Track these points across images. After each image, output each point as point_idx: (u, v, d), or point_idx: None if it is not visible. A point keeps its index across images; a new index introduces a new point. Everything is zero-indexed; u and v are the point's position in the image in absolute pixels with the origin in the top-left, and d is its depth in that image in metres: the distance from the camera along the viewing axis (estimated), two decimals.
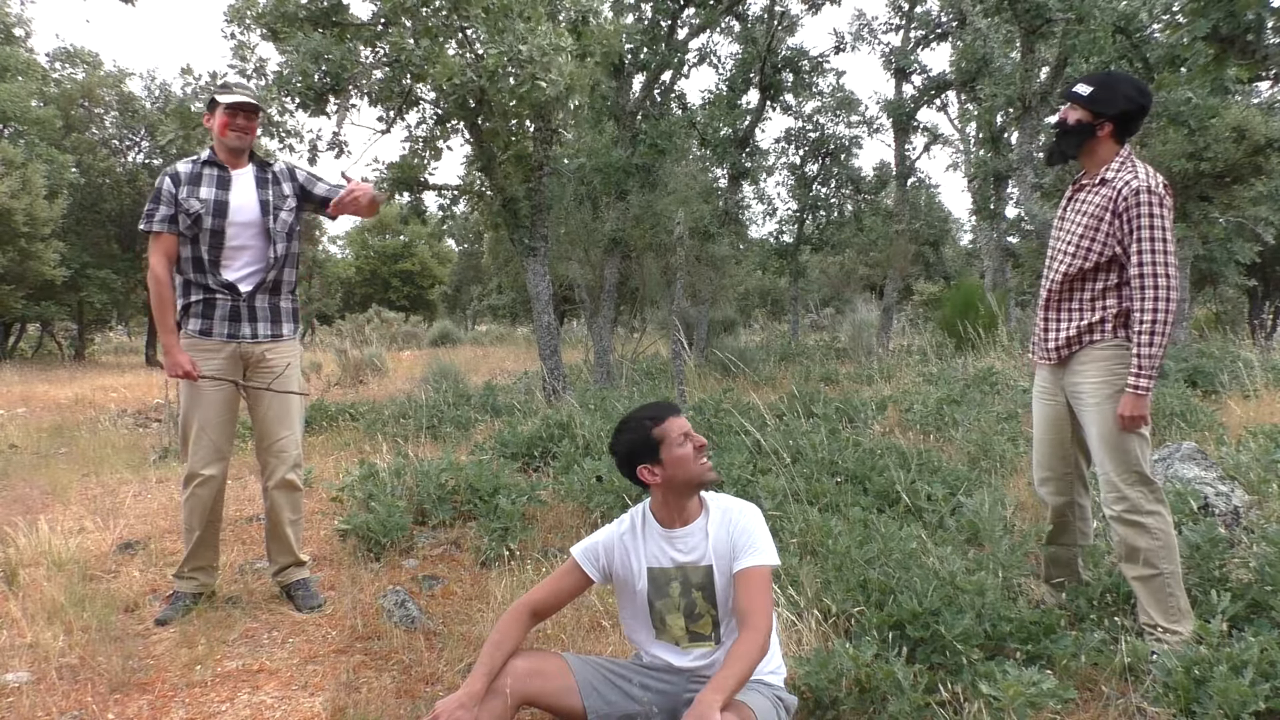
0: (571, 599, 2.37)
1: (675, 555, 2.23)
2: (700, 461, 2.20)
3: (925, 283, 25.69)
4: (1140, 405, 2.64)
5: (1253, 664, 2.24)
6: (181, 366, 3.14)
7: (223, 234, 3.20)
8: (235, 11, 7.34)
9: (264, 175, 3.33)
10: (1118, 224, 2.69)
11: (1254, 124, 10.29)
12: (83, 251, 19.46)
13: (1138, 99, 2.73)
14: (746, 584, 2.11)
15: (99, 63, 20.75)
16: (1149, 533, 2.70)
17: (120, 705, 2.58)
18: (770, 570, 2.15)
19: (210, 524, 3.31)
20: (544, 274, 8.72)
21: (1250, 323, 17.20)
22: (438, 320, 30.37)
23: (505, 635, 2.17)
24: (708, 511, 2.26)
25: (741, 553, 2.16)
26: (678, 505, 2.24)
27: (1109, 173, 2.75)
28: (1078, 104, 2.78)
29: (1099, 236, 2.73)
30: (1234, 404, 6.37)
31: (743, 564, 2.14)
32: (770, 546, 2.18)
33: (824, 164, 15.97)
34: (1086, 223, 2.76)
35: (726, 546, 2.19)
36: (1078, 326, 2.82)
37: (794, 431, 5.26)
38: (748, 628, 2.03)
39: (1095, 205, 2.75)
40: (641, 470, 2.21)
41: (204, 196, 3.18)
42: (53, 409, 10.07)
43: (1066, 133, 2.82)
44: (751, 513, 2.24)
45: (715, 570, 2.20)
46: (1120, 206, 2.67)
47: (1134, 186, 2.65)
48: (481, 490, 4.40)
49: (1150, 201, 2.62)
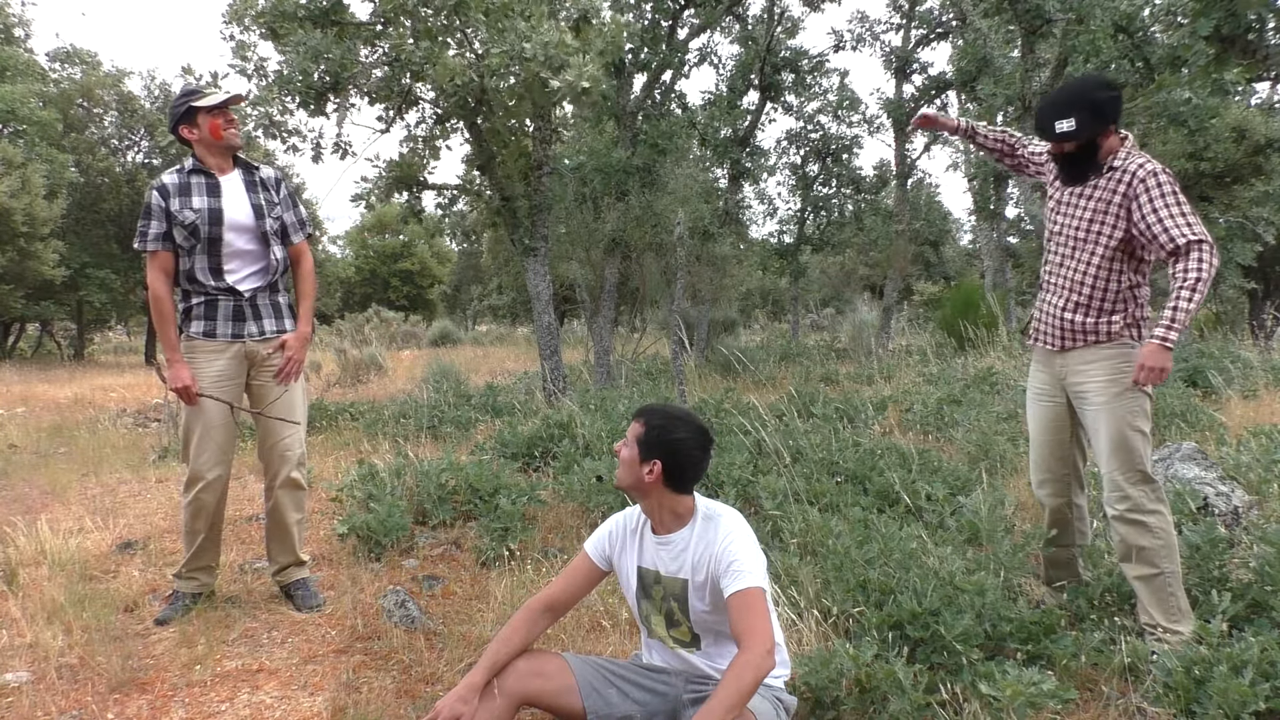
0: (586, 592, 2.36)
1: (659, 560, 2.24)
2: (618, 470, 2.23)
3: (925, 283, 25.69)
4: (1164, 358, 2.57)
5: (1253, 664, 2.24)
6: (182, 380, 3.13)
7: (220, 241, 3.18)
8: (235, 11, 7.34)
9: (251, 179, 3.32)
10: (1129, 206, 2.70)
11: (1254, 124, 10.30)
12: (82, 251, 19.47)
13: (1105, 92, 2.73)
14: (738, 608, 2.02)
15: (98, 63, 20.75)
16: (1150, 532, 2.70)
17: (120, 705, 2.58)
18: (760, 591, 2.04)
19: (213, 526, 3.30)
20: (544, 274, 8.72)
21: (1250, 323, 17.19)
22: (437, 320, 30.37)
23: (514, 631, 2.18)
24: (695, 520, 2.21)
25: (726, 577, 2.07)
26: (670, 509, 2.21)
27: (1117, 160, 2.76)
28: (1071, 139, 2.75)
29: (1108, 220, 2.74)
30: (1234, 404, 6.37)
31: (731, 589, 2.05)
32: (757, 565, 2.08)
33: (825, 164, 15.97)
34: (1095, 207, 2.77)
35: (705, 562, 2.14)
36: (1079, 325, 2.82)
37: (794, 431, 5.26)
38: (743, 649, 1.95)
39: (1104, 190, 2.76)
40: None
41: (197, 206, 3.16)
42: (52, 409, 10.06)
43: (1076, 161, 2.80)
44: (736, 528, 2.15)
45: (690, 585, 2.17)
46: (1136, 190, 2.68)
47: (1148, 169, 2.67)
48: (482, 490, 4.40)
49: (1166, 180, 2.65)
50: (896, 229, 16.12)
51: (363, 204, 9.03)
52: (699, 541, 2.17)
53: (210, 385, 3.21)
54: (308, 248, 3.47)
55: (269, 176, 3.36)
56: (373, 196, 9.10)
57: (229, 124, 3.21)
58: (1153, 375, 2.59)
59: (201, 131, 3.19)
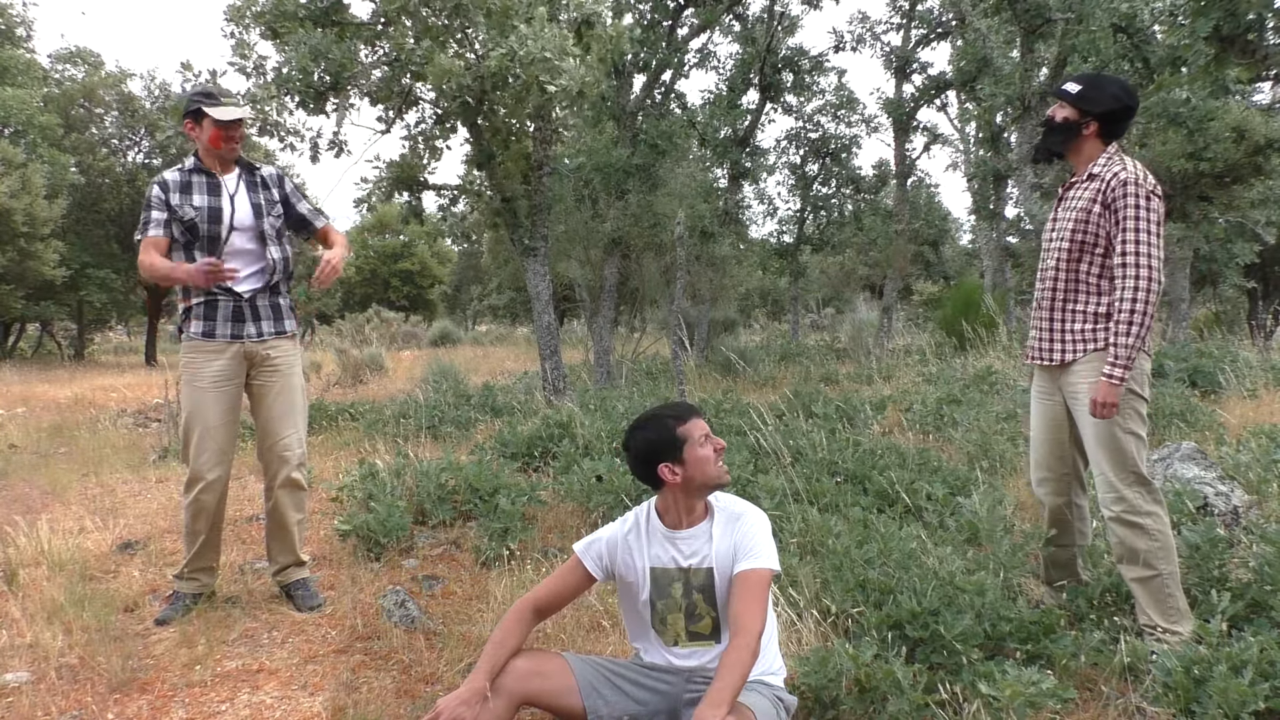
0: (575, 596, 2.36)
1: (678, 557, 2.23)
2: (718, 464, 2.20)
3: (925, 283, 25.68)
4: (1113, 393, 2.63)
5: (1252, 664, 2.24)
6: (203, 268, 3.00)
7: (219, 240, 3.19)
8: (235, 10, 7.34)
9: (252, 179, 3.33)
10: (1106, 215, 2.71)
11: (1254, 124, 10.29)
12: (82, 251, 19.46)
13: (1124, 99, 2.77)
14: (743, 586, 2.09)
15: (100, 63, 20.75)
16: (1147, 533, 2.70)
17: (120, 705, 2.58)
18: (769, 574, 2.12)
19: (214, 526, 3.30)
20: (544, 274, 8.72)
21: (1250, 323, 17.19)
22: (438, 320, 30.36)
23: (508, 634, 2.18)
24: (713, 514, 2.25)
25: (742, 556, 2.15)
26: (687, 506, 2.23)
27: (1096, 168, 2.78)
28: (1066, 102, 2.81)
29: (1088, 229, 2.75)
30: (1233, 404, 6.37)
31: (741, 566, 2.13)
32: (772, 551, 2.17)
33: (824, 164, 15.97)
34: (1076, 216, 2.78)
35: (729, 550, 2.18)
36: (1077, 334, 2.82)
37: (794, 431, 5.27)
38: (737, 633, 2.01)
39: (1084, 199, 2.77)
40: (662, 469, 2.19)
41: (197, 204, 3.18)
42: (52, 409, 10.07)
43: (1053, 130, 2.86)
44: (757, 517, 2.23)
45: (716, 573, 2.19)
46: (1109, 197, 2.69)
47: (1121, 178, 2.67)
48: (481, 490, 4.41)
49: (1136, 193, 2.64)
50: (896, 229, 16.13)
51: (364, 206, 9.04)
52: (724, 529, 2.21)
53: (210, 385, 3.21)
54: (333, 228, 3.48)
55: (270, 175, 3.37)
56: (374, 198, 9.10)
57: (230, 139, 3.21)
58: (1105, 410, 2.65)
59: (203, 135, 3.21)
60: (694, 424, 2.22)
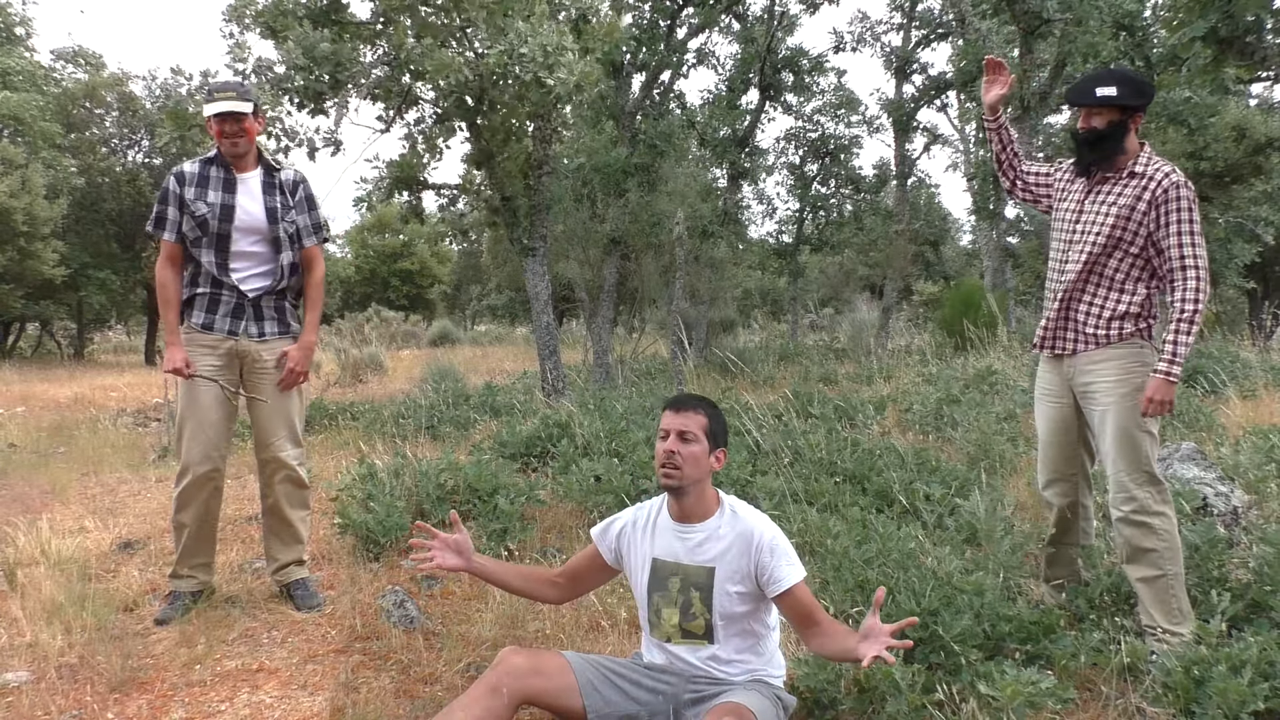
0: (593, 579, 2.46)
1: (679, 551, 2.23)
2: (661, 465, 2.18)
3: (925, 283, 25.66)
4: (1170, 391, 2.64)
5: (1252, 664, 2.24)
6: (174, 363, 3.15)
7: (229, 239, 3.19)
8: (234, 10, 7.34)
9: (271, 180, 3.30)
10: (1152, 214, 2.71)
11: (1254, 124, 10.30)
12: (82, 251, 19.43)
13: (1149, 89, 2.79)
14: (796, 600, 2.14)
15: (102, 64, 20.72)
16: (1155, 534, 2.69)
17: (120, 705, 2.58)
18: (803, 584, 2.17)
19: (205, 521, 3.29)
20: (543, 274, 8.72)
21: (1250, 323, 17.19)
22: (437, 320, 30.32)
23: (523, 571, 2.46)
24: (723, 514, 2.24)
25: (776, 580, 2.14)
26: (699, 504, 2.23)
27: (1138, 166, 2.76)
28: (1105, 107, 2.73)
29: (1130, 226, 2.74)
30: (1233, 404, 6.37)
31: (784, 585, 2.13)
32: (797, 560, 2.20)
33: (824, 164, 15.96)
34: (1118, 213, 2.75)
35: (739, 562, 2.17)
36: (1091, 327, 2.82)
37: (792, 431, 5.26)
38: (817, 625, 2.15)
39: (1128, 196, 2.74)
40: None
41: (211, 200, 3.16)
42: (52, 408, 10.06)
43: (1103, 138, 2.76)
44: (775, 535, 2.21)
45: (716, 574, 2.18)
46: (1160, 199, 2.69)
47: (1173, 180, 2.68)
48: (480, 490, 4.40)
49: (1187, 195, 2.67)
50: (896, 229, 16.12)
51: (364, 206, 9.03)
52: (730, 529, 2.20)
53: (204, 378, 3.21)
54: (320, 254, 3.44)
55: (289, 179, 3.34)
56: (373, 198, 9.10)
57: (226, 134, 3.16)
58: (1160, 408, 2.65)
59: (211, 131, 3.21)
60: (664, 416, 2.24)
